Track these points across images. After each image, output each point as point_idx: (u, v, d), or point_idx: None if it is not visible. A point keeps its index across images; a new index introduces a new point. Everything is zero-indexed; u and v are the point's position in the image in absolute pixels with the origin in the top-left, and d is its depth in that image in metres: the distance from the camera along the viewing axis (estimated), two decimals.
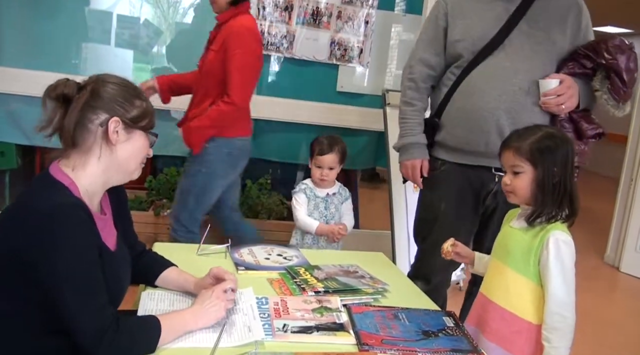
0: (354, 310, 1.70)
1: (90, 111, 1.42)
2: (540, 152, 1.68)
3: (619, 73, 2.15)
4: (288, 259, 2.12)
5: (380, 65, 4.10)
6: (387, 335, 1.56)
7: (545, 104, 2.18)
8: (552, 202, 1.67)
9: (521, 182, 1.72)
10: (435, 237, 2.44)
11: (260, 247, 2.24)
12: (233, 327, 1.50)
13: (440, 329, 1.65)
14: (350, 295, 1.81)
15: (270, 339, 1.48)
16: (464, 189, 2.35)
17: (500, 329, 1.74)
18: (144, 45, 3.84)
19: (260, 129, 4.08)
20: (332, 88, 4.05)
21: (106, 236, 1.49)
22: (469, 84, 2.27)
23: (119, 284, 1.52)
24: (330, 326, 1.59)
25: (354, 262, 2.12)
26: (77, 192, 1.41)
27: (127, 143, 1.47)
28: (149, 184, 3.68)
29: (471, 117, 2.25)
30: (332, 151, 2.65)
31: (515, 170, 1.72)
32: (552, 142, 1.69)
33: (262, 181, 3.86)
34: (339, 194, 2.73)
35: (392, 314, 1.71)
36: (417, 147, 2.41)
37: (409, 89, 2.43)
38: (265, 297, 1.71)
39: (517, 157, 1.71)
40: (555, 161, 1.68)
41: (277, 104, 3.94)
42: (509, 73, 2.20)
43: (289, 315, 1.63)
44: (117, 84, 1.47)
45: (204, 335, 1.46)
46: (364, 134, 4.18)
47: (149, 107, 1.52)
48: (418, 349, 1.51)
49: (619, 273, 4.95)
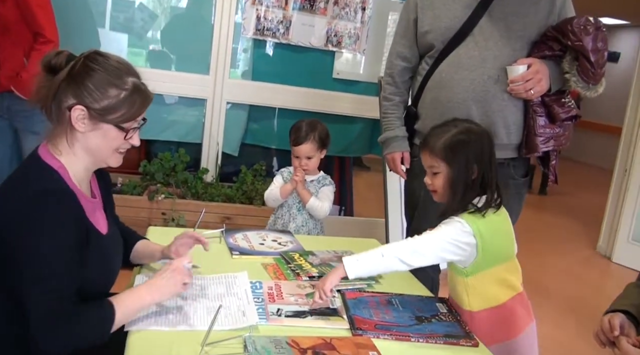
0: (348, 296, 1.71)
1: (62, 92, 1.38)
2: (452, 150, 1.68)
3: (585, 55, 2.12)
4: (282, 245, 2.13)
5: (377, 53, 4.09)
6: (381, 321, 1.57)
7: (513, 90, 2.16)
8: (461, 202, 1.67)
9: (439, 182, 1.73)
10: (417, 224, 2.49)
11: (255, 232, 2.25)
12: (227, 312, 1.51)
13: (434, 314, 1.67)
14: (344, 281, 1.81)
15: (265, 323, 1.49)
16: None
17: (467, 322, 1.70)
18: (138, 29, 3.81)
19: (256, 115, 4.09)
20: (328, 75, 4.04)
21: (97, 220, 1.48)
22: (440, 75, 2.28)
23: (109, 267, 1.52)
24: (324, 311, 1.60)
25: (348, 248, 2.13)
26: (67, 175, 1.40)
27: (93, 133, 1.41)
28: (144, 169, 3.67)
29: (442, 108, 2.25)
30: (307, 140, 2.47)
31: (433, 170, 1.73)
32: (465, 137, 1.69)
33: (257, 167, 3.86)
34: (317, 182, 2.59)
35: (386, 299, 1.73)
36: (396, 141, 2.45)
37: (387, 84, 2.49)
38: (259, 281, 1.72)
39: (432, 158, 1.72)
40: (468, 157, 1.67)
41: (273, 90, 3.94)
42: (477, 62, 2.19)
43: (283, 299, 1.64)
44: (101, 68, 1.38)
45: (198, 318, 1.47)
46: (360, 122, 4.19)
47: (132, 99, 1.41)
48: (411, 334, 1.52)
49: (611, 263, 4.99)
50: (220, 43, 3.81)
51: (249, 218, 3.51)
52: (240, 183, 3.78)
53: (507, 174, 2.29)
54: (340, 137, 4.01)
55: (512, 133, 2.23)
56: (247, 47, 3.95)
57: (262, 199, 3.66)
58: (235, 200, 3.68)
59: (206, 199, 3.64)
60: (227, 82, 3.87)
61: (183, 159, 3.72)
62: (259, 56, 3.97)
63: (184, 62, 3.93)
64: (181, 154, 3.74)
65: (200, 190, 3.67)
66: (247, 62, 3.98)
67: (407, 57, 2.41)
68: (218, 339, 1.36)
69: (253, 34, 3.84)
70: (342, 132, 4.08)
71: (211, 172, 3.89)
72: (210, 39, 3.81)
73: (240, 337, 1.39)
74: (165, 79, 3.71)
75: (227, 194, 3.72)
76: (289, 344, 1.38)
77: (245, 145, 4.12)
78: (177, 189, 3.66)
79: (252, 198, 3.69)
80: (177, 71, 3.89)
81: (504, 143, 2.24)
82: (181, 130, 3.95)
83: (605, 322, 1.47)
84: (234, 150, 4.03)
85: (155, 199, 3.49)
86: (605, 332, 1.46)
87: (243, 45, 3.96)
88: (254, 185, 3.73)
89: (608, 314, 1.49)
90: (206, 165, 3.90)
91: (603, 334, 1.47)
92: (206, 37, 3.82)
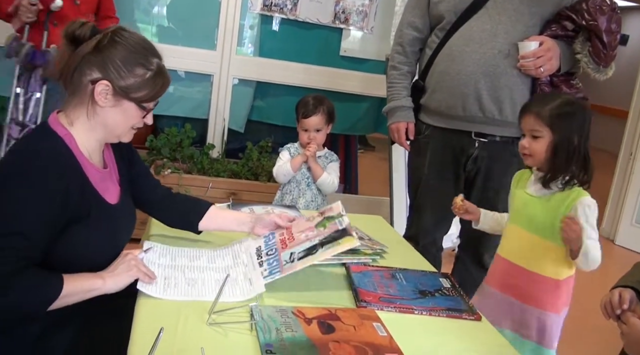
0: (353, 269, 1.74)
1: (87, 64, 1.38)
2: (559, 117, 1.73)
3: (599, 35, 2.13)
4: None
5: (385, 30, 4.07)
6: (385, 294, 1.60)
7: (523, 66, 2.17)
8: (567, 167, 1.74)
9: (539, 146, 1.77)
10: (420, 201, 2.53)
11: (261, 207, 2.27)
12: (235, 283, 1.54)
13: (437, 289, 1.70)
14: (350, 255, 1.84)
15: (278, 275, 1.52)
16: (446, 154, 2.39)
17: (532, 291, 1.82)
18: (145, 4, 3.81)
19: (262, 92, 4.09)
20: (335, 52, 4.03)
21: (104, 189, 1.49)
22: (450, 48, 2.27)
23: (115, 238, 1.52)
24: (334, 236, 1.61)
25: (353, 224, 2.14)
26: (74, 144, 1.41)
27: (113, 109, 1.42)
28: (150, 144, 3.69)
29: (451, 81, 2.26)
30: (317, 112, 2.53)
31: (535, 134, 1.77)
32: (571, 108, 1.75)
33: (263, 144, 3.88)
34: (325, 157, 2.63)
35: (390, 273, 1.76)
36: (402, 110, 2.44)
37: (397, 53, 2.48)
38: (272, 233, 1.74)
39: (537, 121, 1.76)
40: (572, 127, 1.73)
41: (279, 67, 3.93)
42: (489, 36, 2.19)
43: (294, 240, 1.65)
44: (128, 46, 1.40)
45: (206, 289, 1.50)
46: (366, 100, 4.19)
47: (155, 80, 1.44)
48: (415, 307, 1.55)
49: (614, 246, 5.00)
50: (227, 18, 3.80)
51: (255, 194, 3.53)
52: (246, 159, 3.80)
53: (512, 152, 2.30)
54: (346, 115, 4.01)
55: (518, 110, 2.23)
56: (254, 24, 3.94)
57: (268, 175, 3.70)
58: (241, 176, 3.71)
59: (212, 174, 3.66)
60: (234, 58, 3.87)
61: (189, 134, 3.73)
62: (266, 32, 3.96)
63: (191, 37, 3.92)
64: (187, 129, 3.75)
65: (206, 166, 3.69)
66: (254, 39, 3.98)
67: (418, 27, 2.40)
68: (225, 307, 1.39)
69: (260, 9, 3.83)
70: (348, 110, 4.08)
71: (217, 148, 3.91)
72: (218, 14, 3.80)
73: (247, 305, 1.42)
74: (172, 54, 3.64)
75: (233, 169, 3.74)
76: (295, 313, 1.41)
77: (251, 122, 4.13)
78: (183, 164, 3.68)
79: (257, 174, 3.71)
80: (184, 46, 3.89)
81: (509, 121, 2.25)
82: (188, 105, 3.96)
83: (616, 295, 1.50)
84: (240, 126, 4.05)
85: (161, 173, 3.51)
86: (613, 304, 1.49)
87: (250, 21, 3.96)
88: (260, 161, 3.75)
89: (618, 288, 1.52)
90: (212, 141, 3.92)
91: (611, 307, 1.50)
92: (213, 13, 3.81)
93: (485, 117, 2.24)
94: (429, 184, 2.45)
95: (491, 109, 2.22)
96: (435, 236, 2.56)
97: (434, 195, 2.45)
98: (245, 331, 1.33)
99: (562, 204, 1.75)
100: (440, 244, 2.60)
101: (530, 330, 1.83)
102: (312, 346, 1.28)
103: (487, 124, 2.27)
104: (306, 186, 2.55)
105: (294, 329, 1.34)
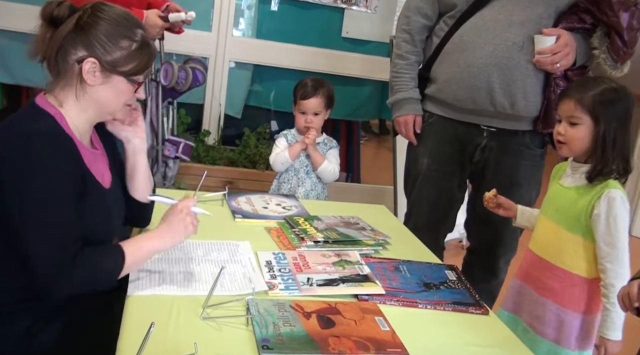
0: None
1: (70, 43, 1.39)
2: (602, 105, 1.69)
3: (619, 32, 2.10)
4: (287, 209, 2.15)
5: (389, 10, 4.04)
6: (388, 287, 1.60)
7: (539, 62, 2.14)
8: (609, 158, 1.69)
9: (577, 134, 1.73)
10: (417, 194, 2.48)
11: (259, 196, 2.27)
12: (233, 278, 1.54)
13: (442, 281, 1.70)
14: (350, 246, 1.84)
15: (298, 294, 1.51)
16: (451, 144, 2.36)
17: (553, 285, 1.80)
18: None
19: (259, 76, 4.07)
20: (336, 33, 4.01)
21: (97, 171, 1.50)
22: (461, 37, 2.24)
23: (109, 222, 1.53)
24: (355, 278, 1.62)
25: (355, 214, 2.16)
26: (65, 122, 1.42)
27: (103, 86, 1.43)
28: None
29: (461, 73, 2.23)
30: (316, 94, 2.51)
31: (573, 121, 1.73)
32: (614, 95, 1.71)
33: (261, 130, 3.87)
34: (324, 144, 2.60)
35: (393, 265, 1.76)
36: (410, 103, 2.42)
37: (404, 41, 2.43)
38: (282, 253, 1.75)
39: (578, 108, 1.72)
40: (615, 116, 1.69)
41: (278, 49, 3.92)
42: (503, 26, 2.16)
43: (310, 269, 1.66)
44: (110, 19, 1.40)
45: (201, 283, 1.50)
46: (369, 84, 4.17)
47: (142, 51, 1.44)
48: (419, 300, 1.55)
49: (631, 237, 4.97)
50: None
51: (252, 182, 3.53)
52: (243, 146, 3.80)
53: (522, 142, 2.29)
54: (348, 99, 4.00)
55: (531, 105, 2.22)
56: (252, 3, 3.92)
57: (266, 163, 3.69)
58: (238, 164, 3.71)
59: (208, 162, 3.66)
60: (231, 39, 3.85)
61: (184, 120, 3.72)
62: (264, 13, 3.94)
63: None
64: (182, 115, 3.74)
65: (201, 153, 3.69)
66: (252, 19, 3.96)
67: (427, 14, 2.37)
68: (221, 301, 1.39)
69: None
70: (351, 94, 4.07)
71: (213, 135, 3.91)
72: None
73: (243, 299, 1.42)
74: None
75: (230, 157, 3.74)
76: (293, 307, 1.41)
77: (249, 107, 4.12)
78: None
79: (255, 162, 3.71)
80: None
81: (521, 115, 2.23)
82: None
83: (635, 286, 1.48)
84: (237, 112, 4.04)
85: None
86: (631, 297, 1.48)
87: (247, 1, 3.93)
88: (258, 148, 3.74)
89: (637, 280, 1.50)
90: (208, 128, 3.91)
91: (629, 299, 1.49)
92: None
93: (496, 111, 2.22)
94: (430, 176, 2.41)
95: (503, 103, 2.20)
96: (438, 235, 2.50)
97: (434, 189, 2.42)
98: (241, 326, 1.33)
99: (588, 195, 1.71)
100: (443, 243, 2.56)
101: (545, 327, 1.81)
102: (311, 341, 1.28)
103: (498, 118, 2.25)
104: (305, 174, 2.54)
105: (292, 323, 1.34)
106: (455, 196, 2.45)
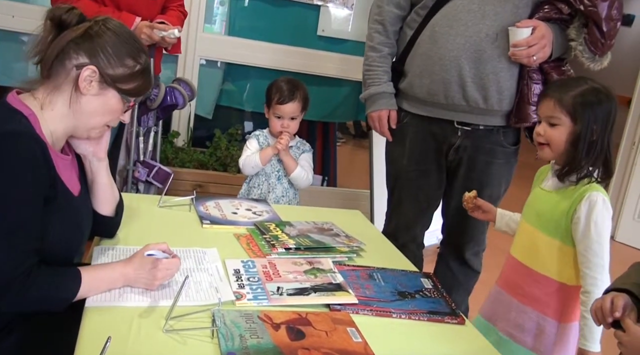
0: None
1: (74, 48, 1.43)
2: (582, 107, 1.71)
3: (597, 22, 2.10)
4: (257, 214, 2.15)
5: (367, 8, 4.02)
6: (361, 296, 1.60)
7: (515, 55, 2.16)
8: (586, 161, 1.71)
9: (557, 134, 1.74)
10: (398, 195, 2.52)
11: (229, 200, 2.26)
12: (199, 287, 1.53)
13: (418, 290, 1.71)
14: (323, 253, 1.84)
15: (267, 304, 1.50)
16: (426, 144, 2.39)
17: (534, 292, 1.82)
18: None
19: (231, 74, 4.06)
20: (311, 32, 4.01)
21: (68, 179, 1.50)
22: (432, 28, 2.25)
23: (78, 231, 1.54)
24: (327, 287, 1.62)
25: (329, 219, 2.16)
26: (38, 125, 1.41)
27: (95, 97, 1.46)
28: None
29: (433, 66, 2.25)
30: (294, 99, 2.50)
31: (552, 121, 1.75)
32: (595, 97, 1.72)
33: (232, 131, 3.86)
34: (296, 148, 2.60)
35: (367, 273, 1.76)
36: (383, 97, 2.43)
37: (376, 32, 2.43)
38: (251, 260, 1.74)
39: (557, 108, 1.73)
40: (596, 118, 1.71)
41: (251, 47, 3.91)
42: (476, 17, 2.17)
43: (281, 277, 1.65)
44: (120, 35, 1.46)
45: (164, 293, 1.48)
46: (346, 84, 4.18)
47: (143, 75, 1.50)
48: (392, 310, 1.56)
49: (614, 242, 5.05)
50: None
51: (223, 186, 3.52)
52: (213, 148, 3.79)
53: (496, 141, 2.32)
54: (324, 100, 4.01)
55: (504, 99, 2.24)
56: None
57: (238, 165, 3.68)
58: (208, 167, 3.69)
59: (177, 164, 3.64)
60: (201, 36, 3.83)
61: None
62: (237, 9, 3.93)
63: None
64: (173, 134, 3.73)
65: (170, 155, 3.67)
66: (224, 15, 3.95)
67: (400, 4, 2.38)
68: (185, 312, 1.38)
69: None
70: (327, 95, 4.08)
71: (182, 136, 3.89)
72: None
73: (209, 310, 1.41)
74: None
75: (200, 159, 3.72)
76: (261, 318, 1.41)
77: (220, 108, 4.11)
78: None
79: (226, 165, 3.70)
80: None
81: (494, 109, 2.25)
82: None
83: (607, 301, 1.49)
84: (207, 112, 4.02)
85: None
86: (604, 311, 1.49)
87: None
88: (229, 150, 3.73)
89: (611, 293, 1.52)
90: (177, 128, 3.89)
91: (601, 313, 1.50)
92: None
93: (469, 106, 2.24)
94: (409, 176, 2.44)
95: (475, 97, 2.22)
96: (416, 232, 2.56)
97: (413, 188, 2.45)
98: (206, 338, 1.32)
99: (570, 198, 1.73)
100: (421, 241, 2.61)
101: (525, 335, 1.82)
102: (279, 354, 1.28)
103: (471, 113, 2.27)
104: (276, 180, 2.54)
105: (259, 335, 1.34)
106: (434, 194, 2.48)
